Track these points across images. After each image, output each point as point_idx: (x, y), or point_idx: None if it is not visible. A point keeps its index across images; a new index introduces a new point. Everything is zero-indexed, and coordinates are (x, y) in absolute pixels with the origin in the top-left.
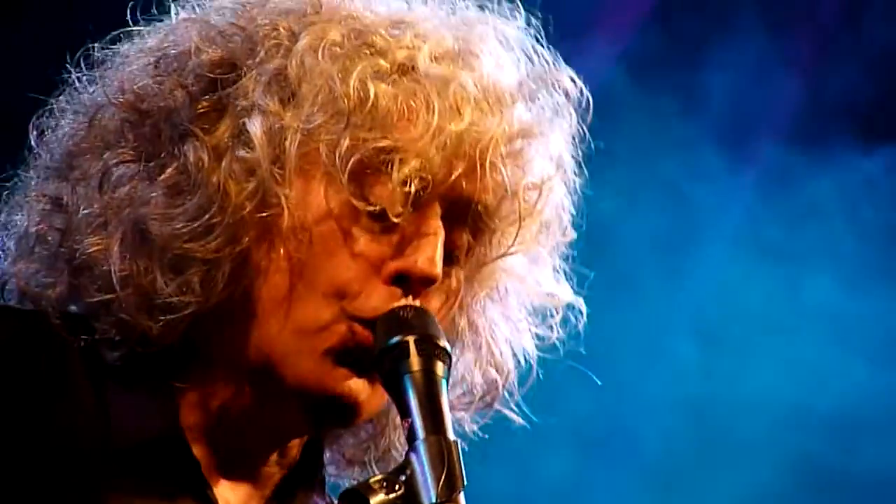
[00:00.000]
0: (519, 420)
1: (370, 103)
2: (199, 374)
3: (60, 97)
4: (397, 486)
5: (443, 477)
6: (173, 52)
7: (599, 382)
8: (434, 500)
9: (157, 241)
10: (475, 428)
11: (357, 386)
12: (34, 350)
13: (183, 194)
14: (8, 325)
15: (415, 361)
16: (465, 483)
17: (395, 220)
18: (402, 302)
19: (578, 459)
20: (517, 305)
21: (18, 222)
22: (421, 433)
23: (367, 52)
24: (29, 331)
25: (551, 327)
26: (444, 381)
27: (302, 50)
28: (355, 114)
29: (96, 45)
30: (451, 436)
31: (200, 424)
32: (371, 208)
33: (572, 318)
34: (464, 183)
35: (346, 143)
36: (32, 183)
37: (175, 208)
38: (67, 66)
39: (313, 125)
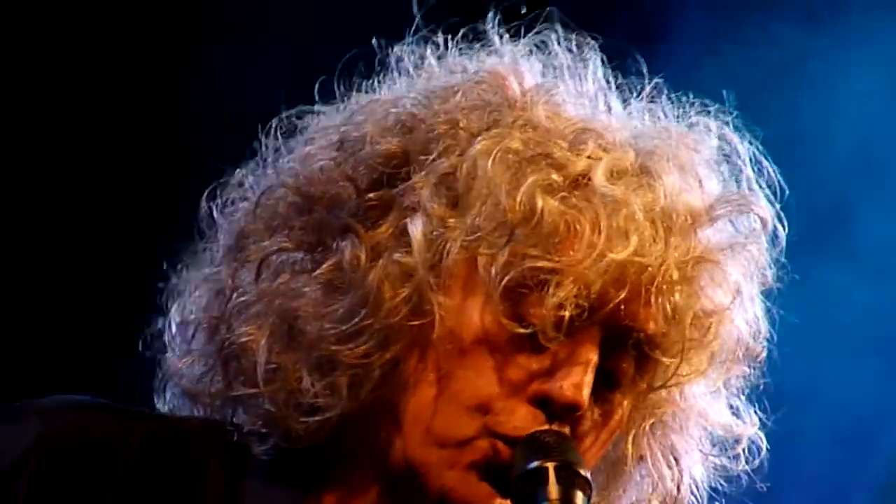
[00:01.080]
0: None
1: (535, 219)
2: (340, 476)
3: (243, 169)
4: None
5: None
6: (355, 134)
7: None
8: None
9: (306, 338)
10: None
11: None
12: (165, 459)
13: (336, 292)
14: (141, 432)
15: (553, 489)
16: None
17: (547, 344)
18: (545, 426)
19: None
20: (695, 434)
21: (183, 306)
22: None
23: (543, 163)
24: (164, 437)
25: (734, 458)
26: None
27: (476, 154)
28: (519, 228)
29: (286, 114)
30: None
31: None
32: (522, 330)
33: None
34: (625, 310)
35: (503, 258)
36: (204, 262)
37: (327, 307)
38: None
39: (474, 235)
